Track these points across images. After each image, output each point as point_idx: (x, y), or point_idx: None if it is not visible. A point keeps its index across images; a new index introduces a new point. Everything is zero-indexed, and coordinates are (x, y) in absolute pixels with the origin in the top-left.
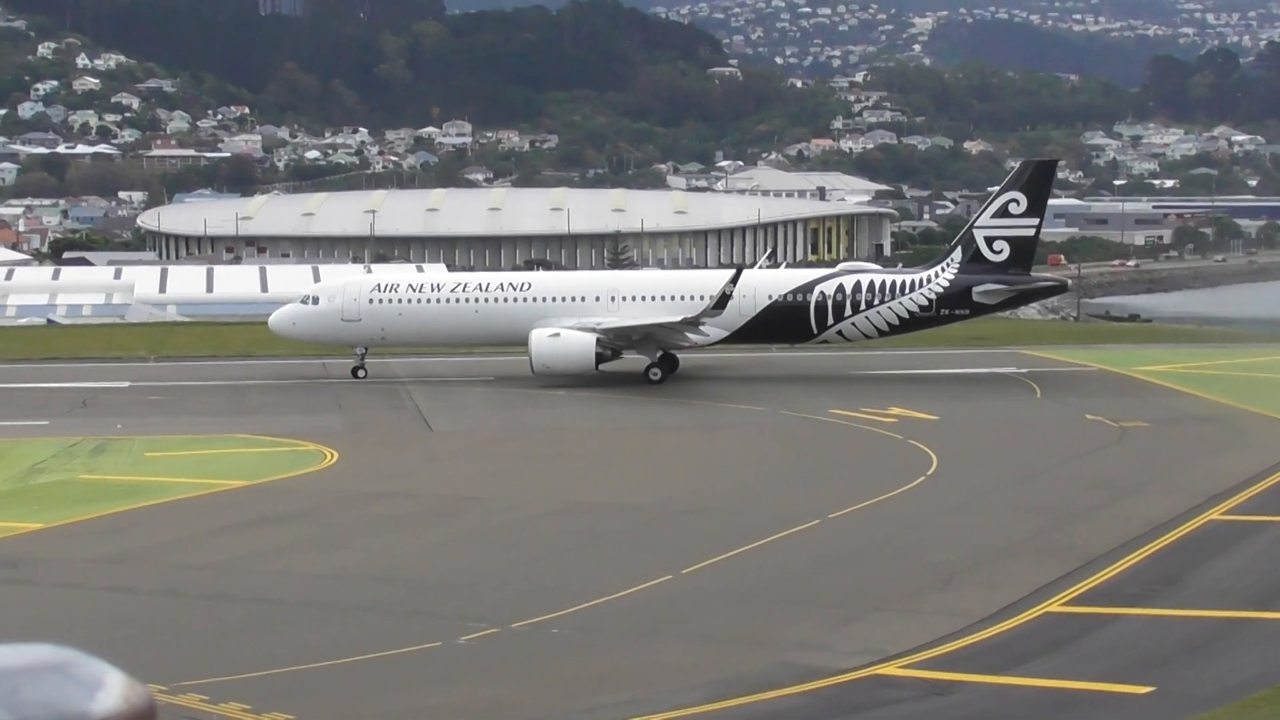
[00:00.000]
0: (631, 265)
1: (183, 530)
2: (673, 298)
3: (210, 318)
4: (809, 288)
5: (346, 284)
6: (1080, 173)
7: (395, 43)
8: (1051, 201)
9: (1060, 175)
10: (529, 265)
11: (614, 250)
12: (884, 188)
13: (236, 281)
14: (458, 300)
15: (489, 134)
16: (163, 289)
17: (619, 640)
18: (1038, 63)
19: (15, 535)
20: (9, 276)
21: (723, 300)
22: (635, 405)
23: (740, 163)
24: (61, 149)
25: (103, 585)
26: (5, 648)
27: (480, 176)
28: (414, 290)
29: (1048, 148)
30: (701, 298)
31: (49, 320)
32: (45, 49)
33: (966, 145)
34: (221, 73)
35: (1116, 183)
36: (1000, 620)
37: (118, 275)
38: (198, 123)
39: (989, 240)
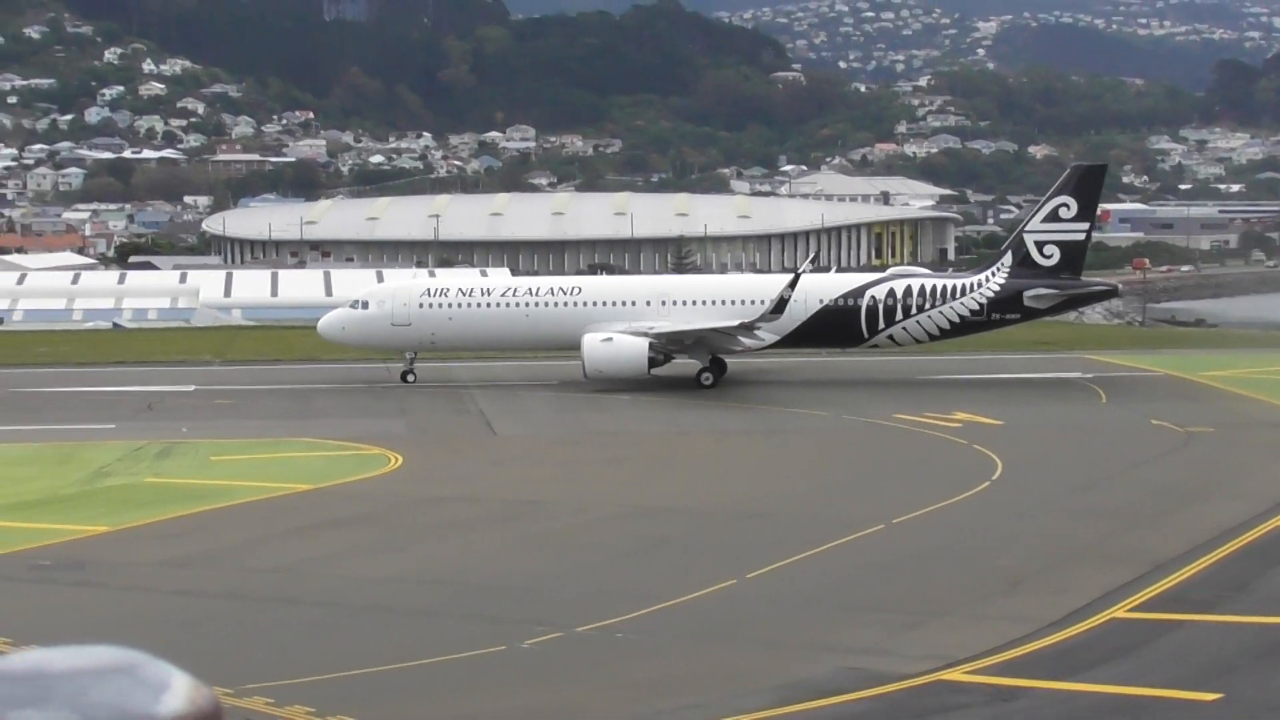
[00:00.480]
0: (695, 269)
1: (248, 533)
2: (723, 302)
3: (275, 322)
4: (860, 292)
5: (396, 288)
6: (1145, 177)
7: (459, 47)
8: (1116, 206)
9: (1125, 180)
10: (592, 269)
11: (677, 254)
12: (948, 192)
13: (301, 285)
14: (508, 305)
15: (552, 138)
16: (227, 293)
17: (683, 644)
18: (1102, 67)
19: (82, 538)
20: (75, 281)
21: (781, 305)
22: (698, 409)
23: (804, 167)
24: (127, 154)
25: (169, 588)
26: (71, 650)
27: (544, 181)
28: (464, 295)
29: (1112, 152)
30: (751, 302)
31: (115, 324)
32: (112, 54)
33: (1030, 150)
34: (286, 78)
35: (1182, 187)
36: (1066, 626)
37: (183, 279)
38: (262, 127)
39: (1039, 245)
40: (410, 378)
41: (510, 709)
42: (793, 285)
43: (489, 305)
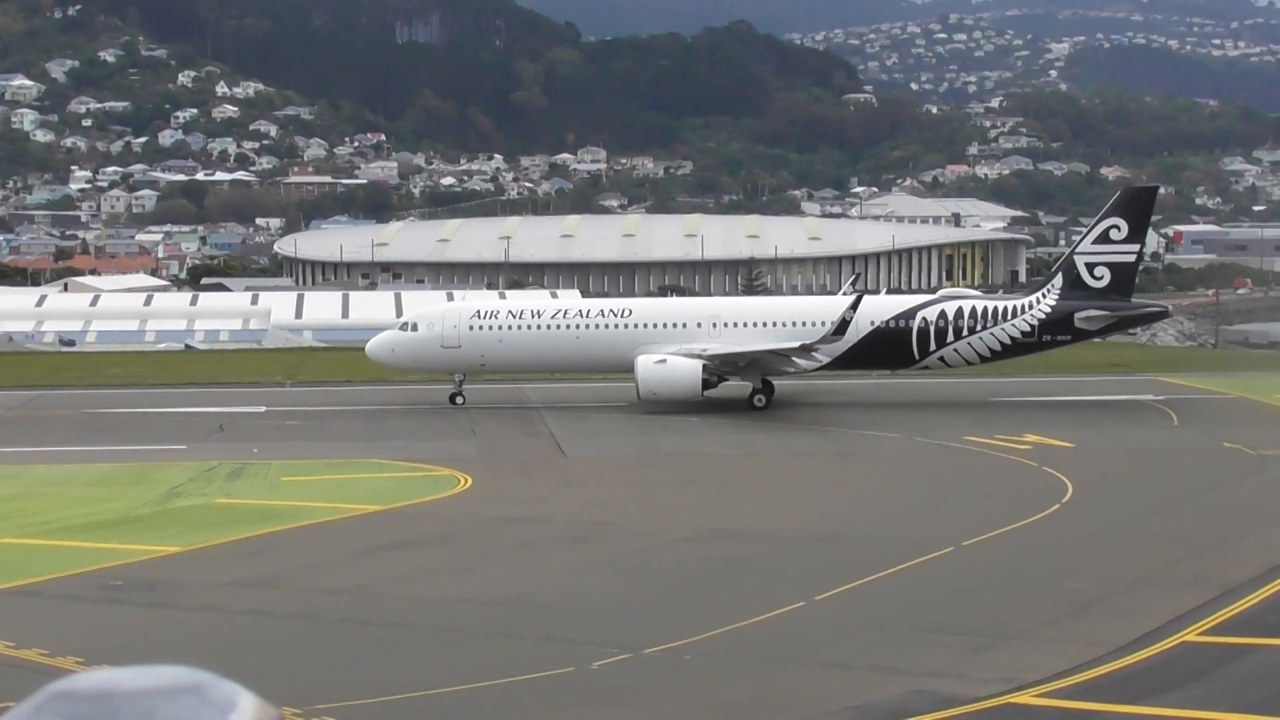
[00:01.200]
0: (765, 291)
1: (318, 554)
2: (774, 324)
3: (346, 343)
4: (911, 314)
5: (446, 310)
6: (1219, 199)
7: (531, 69)
8: (1189, 228)
9: (1198, 201)
10: (662, 291)
11: (747, 276)
12: (1019, 214)
13: (372, 307)
14: (558, 327)
15: (623, 160)
16: (299, 314)
17: (752, 667)
18: (1176, 88)
19: (153, 558)
20: (148, 302)
21: (843, 326)
22: (768, 431)
23: (875, 189)
24: (200, 176)
25: (239, 608)
26: (140, 670)
27: (614, 203)
28: (514, 317)
29: (1185, 173)
30: (803, 324)
31: (187, 345)
32: (185, 77)
33: (1103, 171)
34: (358, 100)
35: (1256, 208)
36: (1137, 649)
37: (254, 301)
38: (334, 150)
39: (1090, 266)
40: (459, 399)
41: None
42: (855, 307)
43: (539, 327)
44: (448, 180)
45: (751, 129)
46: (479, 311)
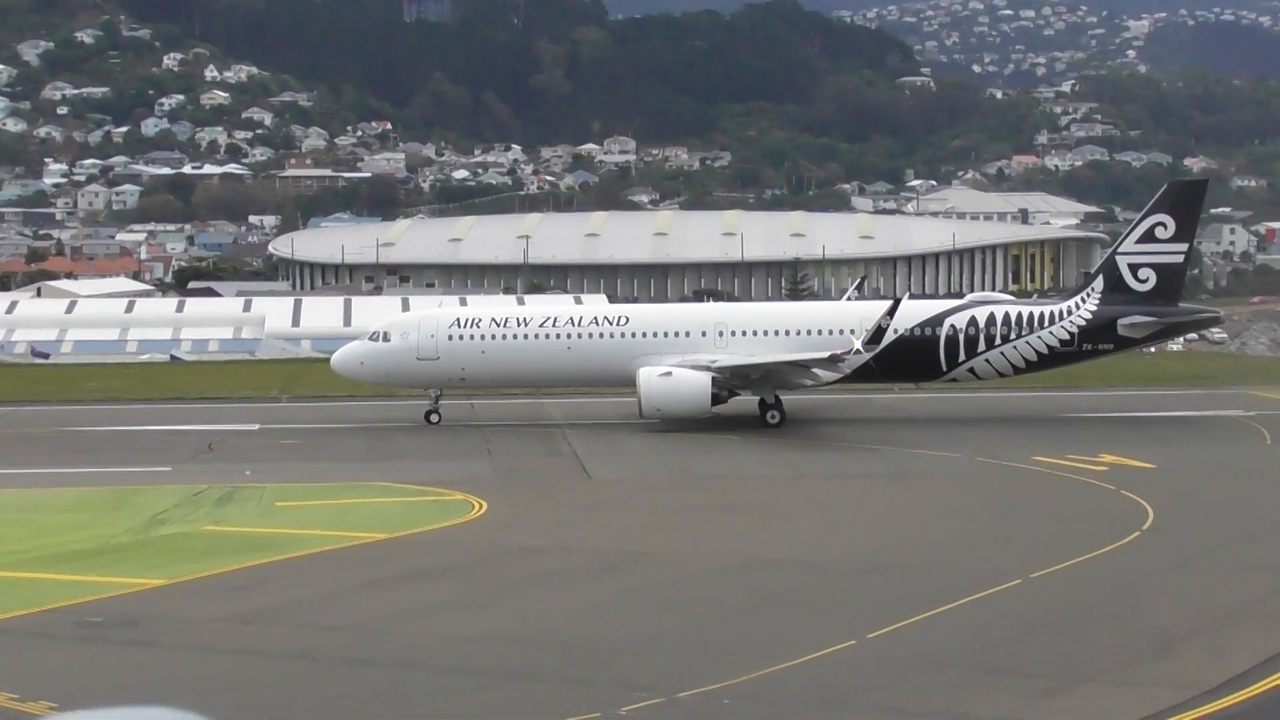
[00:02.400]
0: (812, 295)
1: (317, 587)
2: (786, 332)
3: None
4: (938, 320)
5: (422, 318)
6: None
7: (553, 51)
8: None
9: None
10: (698, 295)
11: (792, 278)
12: (1093, 209)
13: (377, 314)
14: (547, 336)
15: (654, 151)
16: (296, 322)
17: (797, 712)
18: (1267, 69)
19: (135, 592)
20: (129, 309)
21: (878, 335)
22: (814, 450)
23: (933, 182)
24: (187, 169)
25: (229, 647)
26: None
27: (645, 198)
28: (498, 325)
29: (1278, 164)
30: (817, 332)
31: (172, 356)
32: (171, 60)
33: (1187, 162)
34: (362, 85)
35: None
36: (1227, 693)
37: (247, 307)
38: (335, 140)
39: (1133, 268)
40: (434, 418)
41: None
42: (891, 313)
43: (527, 337)
44: (460, 173)
45: (796, 116)
46: (459, 319)
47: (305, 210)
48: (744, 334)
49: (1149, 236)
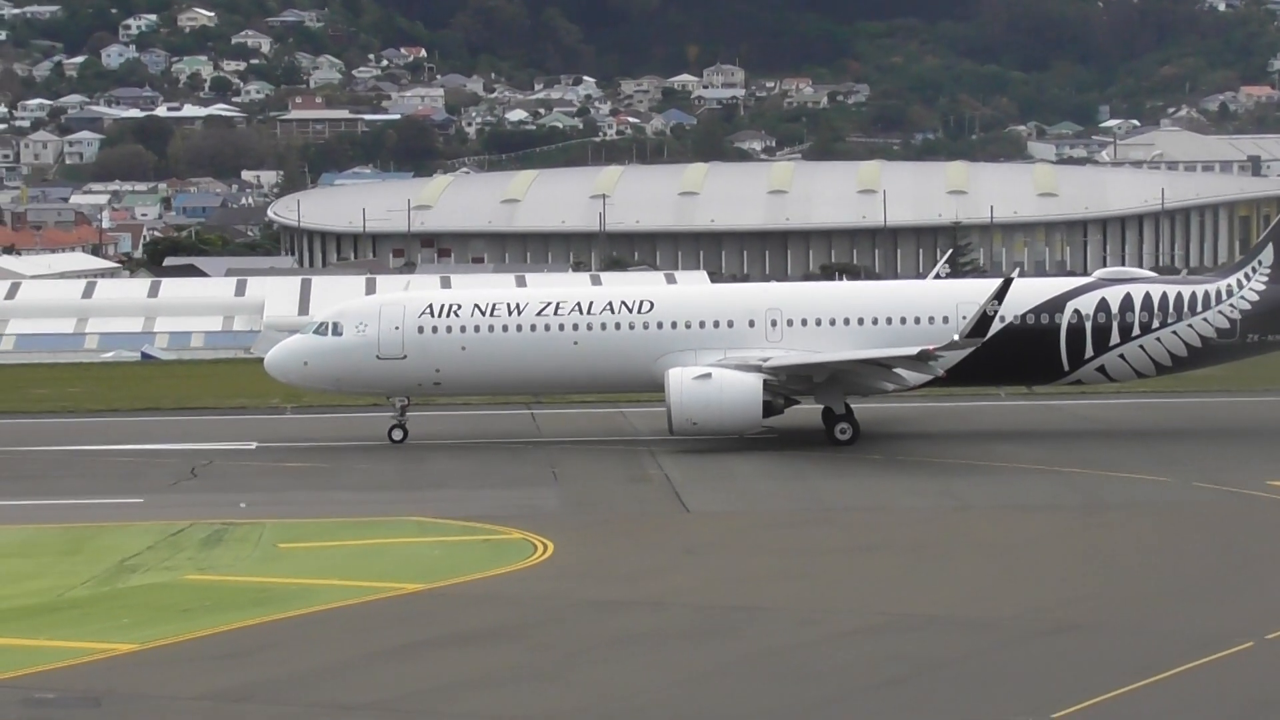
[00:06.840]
0: (977, 270)
1: (331, 655)
2: (860, 321)
3: None
4: (1058, 305)
5: (383, 304)
6: None
7: None
8: None
9: None
10: (825, 272)
11: (952, 249)
12: None
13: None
14: (547, 328)
15: (769, 84)
16: (304, 309)
17: None
18: None
19: (100, 659)
20: (88, 293)
21: (983, 324)
22: (981, 474)
23: (1135, 122)
24: (162, 111)
25: None
26: None
27: (757, 145)
28: (483, 314)
29: None
30: (904, 320)
31: (144, 354)
32: None
33: None
34: (387, 2)
35: None
36: None
37: (241, 290)
38: (353, 73)
39: None
40: (398, 434)
41: None
42: (1000, 296)
43: (520, 328)
44: (516, 114)
45: (955, 37)
46: (431, 306)
47: (315, 164)
48: (804, 323)
49: None
